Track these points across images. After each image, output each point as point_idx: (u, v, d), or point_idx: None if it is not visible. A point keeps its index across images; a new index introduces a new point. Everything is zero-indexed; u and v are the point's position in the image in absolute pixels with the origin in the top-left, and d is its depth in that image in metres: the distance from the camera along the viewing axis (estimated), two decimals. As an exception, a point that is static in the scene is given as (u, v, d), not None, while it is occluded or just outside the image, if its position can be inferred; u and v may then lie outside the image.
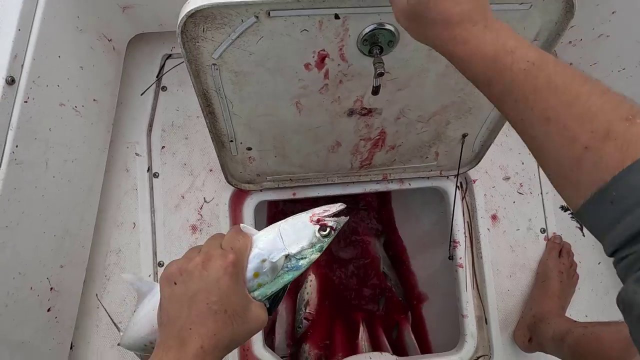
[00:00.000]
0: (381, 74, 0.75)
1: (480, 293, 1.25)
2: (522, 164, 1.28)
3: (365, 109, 0.95)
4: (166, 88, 1.25)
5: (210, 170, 1.22)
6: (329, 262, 1.61)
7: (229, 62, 0.79)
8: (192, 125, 1.24)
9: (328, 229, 0.56)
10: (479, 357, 1.23)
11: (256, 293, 0.57)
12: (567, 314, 1.18)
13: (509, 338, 1.22)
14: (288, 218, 0.58)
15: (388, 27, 0.74)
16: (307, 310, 1.56)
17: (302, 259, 0.57)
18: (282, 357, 1.47)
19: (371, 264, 1.63)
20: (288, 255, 0.56)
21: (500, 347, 1.21)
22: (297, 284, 1.59)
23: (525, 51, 0.46)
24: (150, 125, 1.23)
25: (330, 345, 1.53)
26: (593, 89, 0.41)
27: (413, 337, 1.53)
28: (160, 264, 1.19)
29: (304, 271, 0.58)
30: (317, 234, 0.56)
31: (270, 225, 0.59)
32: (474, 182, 1.26)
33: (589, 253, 1.26)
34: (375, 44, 0.78)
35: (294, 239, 0.56)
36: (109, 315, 0.90)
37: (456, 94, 0.93)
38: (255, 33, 0.74)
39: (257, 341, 1.21)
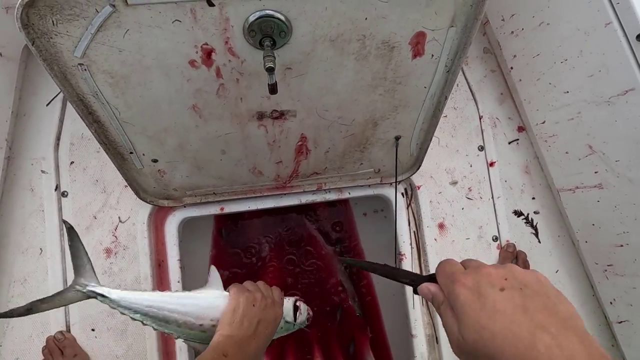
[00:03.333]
0: (271, 69, 0.64)
1: (429, 310, 1.14)
2: (470, 166, 1.18)
3: (276, 111, 0.84)
4: (75, 97, 1.13)
5: (125, 186, 1.10)
6: (282, 272, 1.49)
7: (97, 62, 0.68)
8: (105, 137, 1.12)
9: (306, 322, 0.92)
10: (431, 381, 1.12)
11: None
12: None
13: (462, 358, 1.11)
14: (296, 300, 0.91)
15: (274, 14, 0.64)
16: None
17: (291, 327, 0.90)
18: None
19: (327, 276, 1.51)
20: (290, 322, 0.88)
21: (453, 368, 1.10)
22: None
23: None
24: (58, 139, 1.11)
25: (280, 370, 1.41)
26: None
27: (371, 353, 1.42)
28: (71, 293, 1.06)
29: None
30: (305, 321, 0.91)
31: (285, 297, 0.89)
32: (419, 188, 1.16)
33: (545, 261, 1.16)
34: (267, 35, 0.67)
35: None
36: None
37: (375, 91, 0.82)
38: (118, 25, 0.63)
39: (183, 374, 1.08)
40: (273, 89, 0.67)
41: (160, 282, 1.11)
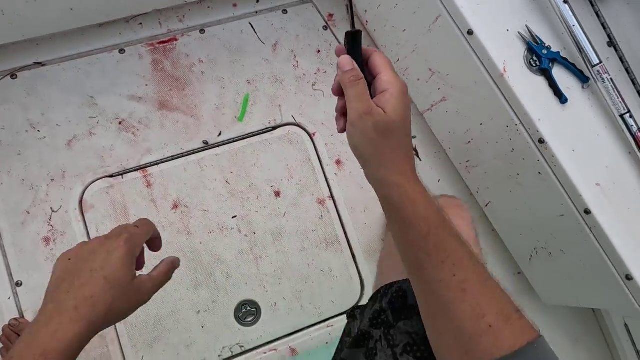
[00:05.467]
0: None
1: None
2: (353, 109, 1.40)
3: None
4: (-13, 109, 1.23)
5: (52, 180, 1.22)
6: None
7: None
8: (23, 140, 1.22)
9: None
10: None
11: None
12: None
13: (376, 265, 1.33)
14: None
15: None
16: None
17: None
18: None
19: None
20: None
21: (369, 275, 1.32)
22: None
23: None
24: (-22, 150, 1.21)
25: None
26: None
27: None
28: (19, 284, 1.16)
29: None
30: None
31: None
32: (314, 134, 1.37)
33: (428, 175, 1.41)
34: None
35: None
36: None
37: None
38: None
39: None
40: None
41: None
